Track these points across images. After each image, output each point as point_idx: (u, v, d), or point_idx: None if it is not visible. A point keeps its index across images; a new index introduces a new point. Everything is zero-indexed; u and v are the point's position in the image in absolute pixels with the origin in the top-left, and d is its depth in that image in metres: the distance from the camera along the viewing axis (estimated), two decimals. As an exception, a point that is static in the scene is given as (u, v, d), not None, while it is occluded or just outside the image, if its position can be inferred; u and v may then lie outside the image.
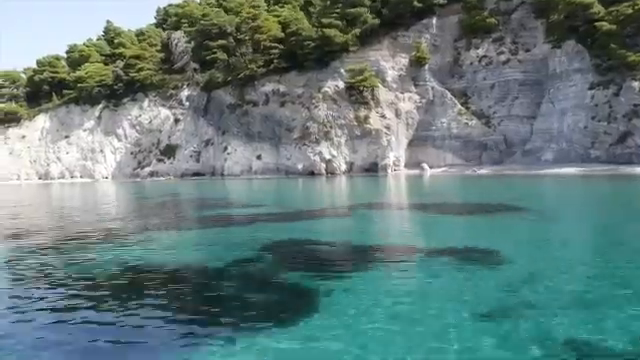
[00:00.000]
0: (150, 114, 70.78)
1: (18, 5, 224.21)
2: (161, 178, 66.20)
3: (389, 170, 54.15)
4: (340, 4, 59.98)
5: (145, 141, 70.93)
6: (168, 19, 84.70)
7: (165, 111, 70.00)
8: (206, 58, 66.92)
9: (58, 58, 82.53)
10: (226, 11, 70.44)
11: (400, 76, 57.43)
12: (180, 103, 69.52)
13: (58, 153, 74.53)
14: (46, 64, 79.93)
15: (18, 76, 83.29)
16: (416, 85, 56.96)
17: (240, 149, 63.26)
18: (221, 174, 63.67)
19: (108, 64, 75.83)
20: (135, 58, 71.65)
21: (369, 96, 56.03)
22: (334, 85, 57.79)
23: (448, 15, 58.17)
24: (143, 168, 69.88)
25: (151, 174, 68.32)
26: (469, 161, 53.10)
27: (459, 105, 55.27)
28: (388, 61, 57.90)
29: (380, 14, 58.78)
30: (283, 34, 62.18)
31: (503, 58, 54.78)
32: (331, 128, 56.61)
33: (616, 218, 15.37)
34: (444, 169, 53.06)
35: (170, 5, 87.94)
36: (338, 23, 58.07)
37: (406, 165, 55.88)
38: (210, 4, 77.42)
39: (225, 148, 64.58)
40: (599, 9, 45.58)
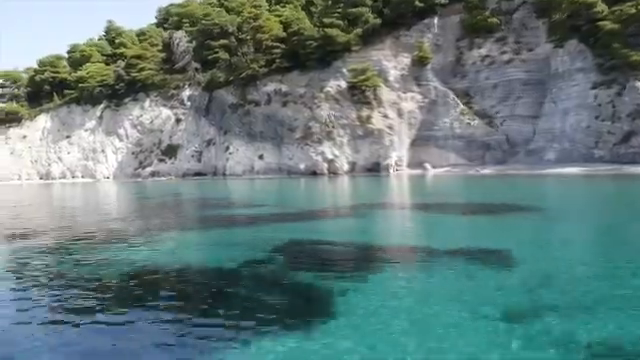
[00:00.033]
0: (151, 114, 70.74)
1: (18, 5, 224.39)
2: (162, 178, 66.13)
3: (391, 170, 54.02)
4: (342, 4, 59.85)
5: (146, 141, 70.88)
6: (169, 19, 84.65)
7: (166, 111, 69.94)
8: (207, 58, 66.88)
9: (59, 58, 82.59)
10: (227, 11, 70.45)
11: (402, 76, 57.28)
12: (182, 103, 69.47)
13: (59, 153, 74.53)
14: (47, 64, 79.97)
15: (19, 76, 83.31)
16: (418, 85, 56.82)
17: (242, 149, 63.18)
18: (223, 174, 63.58)
19: (109, 64, 75.85)
20: (136, 58, 71.65)
21: (371, 96, 55.90)
22: (336, 85, 57.69)
23: (450, 15, 58.01)
24: (144, 168, 69.83)
25: (152, 174, 68.25)
26: (472, 161, 52.94)
27: (462, 105, 55.12)
28: (390, 61, 57.77)
29: (382, 14, 58.64)
30: (285, 34, 62.11)
31: (505, 58, 54.58)
32: (333, 128, 56.51)
33: (621, 218, 15.31)
34: (447, 169, 52.89)
35: (171, 5, 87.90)
36: (340, 23, 57.94)
37: (409, 165, 55.74)
38: (211, 4, 77.35)
39: (227, 148, 64.50)
40: (602, 8, 45.41)
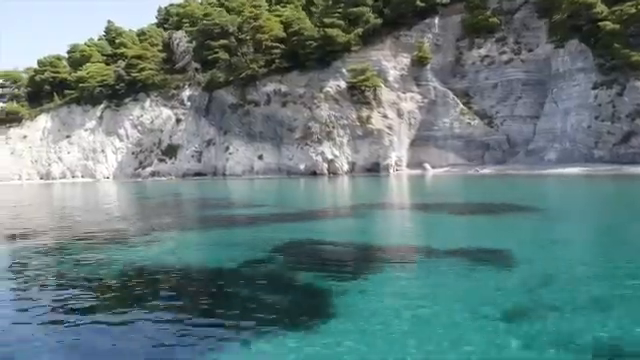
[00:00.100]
0: (152, 114, 70.68)
1: (18, 5, 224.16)
2: (162, 178, 66.09)
3: (391, 170, 54.01)
4: (342, 4, 59.75)
5: (146, 141, 70.83)
6: (169, 19, 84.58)
7: (167, 111, 69.89)
8: (208, 58, 66.78)
9: (59, 58, 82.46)
10: (228, 11, 70.35)
11: (402, 76, 57.25)
12: (182, 103, 69.42)
13: (59, 153, 74.47)
14: (47, 64, 79.84)
15: (19, 76, 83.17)
16: (418, 85, 56.79)
17: (242, 149, 63.15)
18: (223, 174, 63.55)
19: (109, 64, 75.71)
20: (137, 58, 71.53)
21: (371, 96, 55.87)
22: (336, 85, 57.65)
23: (450, 15, 57.95)
24: (144, 168, 69.78)
25: (152, 174, 68.19)
26: (471, 161, 52.94)
27: (461, 105, 55.10)
28: (390, 61, 57.72)
29: (382, 14, 58.57)
30: (285, 34, 62.02)
31: (506, 58, 54.56)
32: (333, 128, 56.48)
33: (621, 218, 15.35)
34: (446, 169, 52.90)
35: (171, 5, 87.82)
36: (340, 23, 57.85)
37: (408, 165, 55.73)
38: (211, 4, 77.22)
39: (227, 148, 64.46)
40: (602, 8, 45.39)
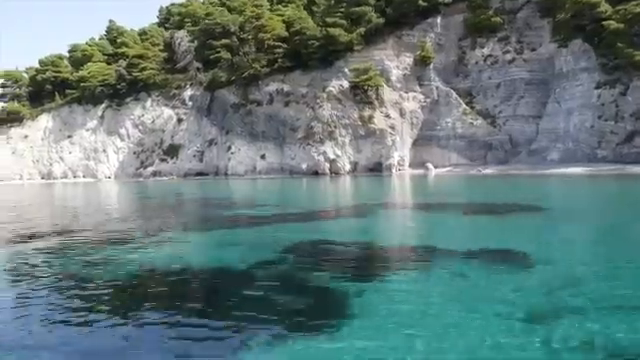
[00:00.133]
0: (153, 114, 70.62)
1: (18, 5, 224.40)
2: (164, 178, 66.02)
3: (393, 170, 53.92)
4: (344, 3, 59.71)
5: (148, 141, 70.76)
6: (170, 18, 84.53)
7: (168, 111, 69.82)
8: (209, 57, 66.74)
9: (61, 57, 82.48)
10: (229, 10, 70.28)
11: (405, 75, 57.18)
12: (183, 103, 69.34)
13: (61, 153, 74.42)
14: (49, 64, 79.85)
15: (20, 76, 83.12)
16: (421, 84, 56.71)
17: (244, 149, 63.06)
18: (225, 174, 63.47)
19: (111, 64, 75.69)
20: (138, 57, 71.51)
21: (373, 96, 55.78)
22: (338, 84, 57.56)
23: (453, 14, 57.86)
24: (146, 168, 69.72)
25: (154, 174, 68.13)
26: (474, 161, 52.83)
27: (464, 105, 55.01)
28: (392, 60, 57.64)
29: (385, 13, 58.50)
30: (287, 33, 61.94)
31: (508, 57, 54.43)
32: (335, 128, 56.38)
33: (625, 217, 15.29)
34: (449, 169, 52.81)
35: (172, 4, 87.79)
36: (342, 22, 57.80)
37: (410, 165, 55.64)
38: (213, 3, 77.17)
39: (229, 148, 64.36)
40: (606, 8, 45.29)
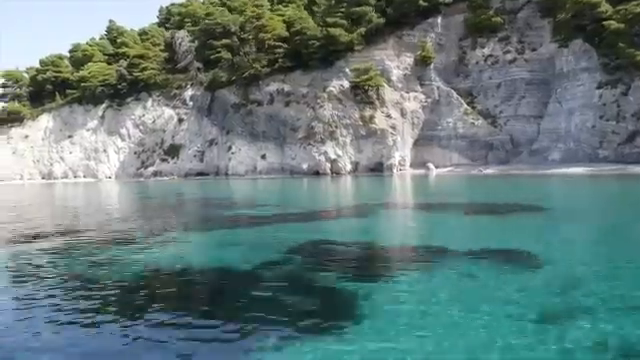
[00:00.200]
0: (154, 114, 70.60)
1: (18, 5, 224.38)
2: (165, 178, 65.99)
3: (394, 170, 53.90)
4: (345, 3, 59.70)
5: (149, 141, 70.74)
6: (171, 18, 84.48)
7: (169, 111, 69.80)
8: (210, 57, 66.74)
9: (61, 57, 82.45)
10: (230, 10, 70.28)
11: (405, 75, 57.16)
12: (184, 103, 69.31)
13: (61, 153, 74.39)
14: (49, 64, 79.84)
15: (21, 76, 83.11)
16: (421, 84, 56.69)
17: (244, 149, 63.03)
18: (225, 174, 63.44)
19: (111, 64, 75.67)
20: (138, 57, 71.50)
21: (374, 95, 55.76)
22: (339, 84, 57.53)
23: (453, 14, 57.84)
24: (147, 168, 69.70)
25: (155, 174, 68.11)
26: (475, 161, 52.81)
27: (465, 104, 54.98)
28: (393, 60, 57.62)
29: (385, 13, 58.48)
30: (287, 33, 61.91)
31: (509, 57, 54.40)
32: (336, 128, 56.35)
33: (627, 217, 15.29)
34: (450, 169, 52.78)
35: (173, 4, 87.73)
36: (343, 22, 57.79)
37: (412, 165, 55.61)
38: (213, 3, 77.15)
39: (229, 148, 64.33)
40: (607, 8, 45.27)
